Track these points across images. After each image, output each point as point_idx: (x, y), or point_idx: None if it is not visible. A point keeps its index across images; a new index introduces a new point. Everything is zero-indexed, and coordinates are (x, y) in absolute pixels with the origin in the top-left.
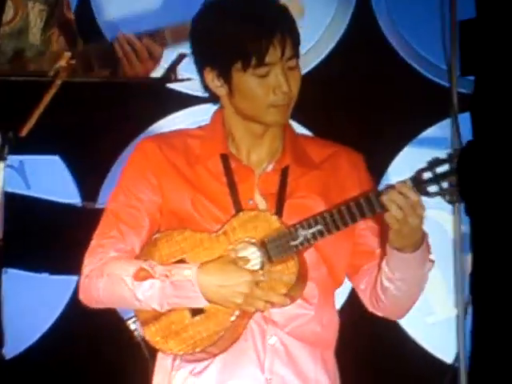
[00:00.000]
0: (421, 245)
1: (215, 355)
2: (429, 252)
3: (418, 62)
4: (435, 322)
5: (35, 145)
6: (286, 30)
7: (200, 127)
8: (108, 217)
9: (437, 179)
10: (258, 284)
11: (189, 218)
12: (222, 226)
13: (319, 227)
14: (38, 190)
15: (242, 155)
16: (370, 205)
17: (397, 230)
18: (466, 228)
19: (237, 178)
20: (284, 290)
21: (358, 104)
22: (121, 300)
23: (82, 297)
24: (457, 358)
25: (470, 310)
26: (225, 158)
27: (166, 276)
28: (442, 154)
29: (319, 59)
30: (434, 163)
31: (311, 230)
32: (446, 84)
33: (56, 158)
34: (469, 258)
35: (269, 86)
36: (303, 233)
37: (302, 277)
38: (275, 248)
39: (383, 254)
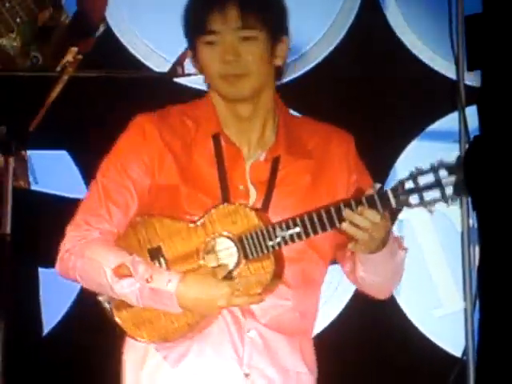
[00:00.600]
0: (387, 241)
1: (190, 338)
2: (398, 242)
3: (426, 56)
4: (443, 315)
5: (43, 140)
6: None
7: (196, 104)
8: (98, 191)
9: (419, 190)
10: (235, 290)
11: (176, 202)
12: (201, 217)
13: (297, 230)
14: (45, 184)
15: (232, 137)
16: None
17: (361, 244)
18: (474, 221)
19: (228, 164)
20: (259, 289)
21: (365, 98)
22: (97, 286)
23: (58, 268)
24: (465, 352)
25: (478, 304)
26: (217, 141)
27: (147, 281)
28: (425, 164)
29: (326, 53)
30: (416, 174)
31: (289, 232)
32: (454, 77)
33: (63, 153)
34: (477, 252)
35: (216, 55)
36: (281, 233)
37: (277, 274)
38: (252, 246)
39: None
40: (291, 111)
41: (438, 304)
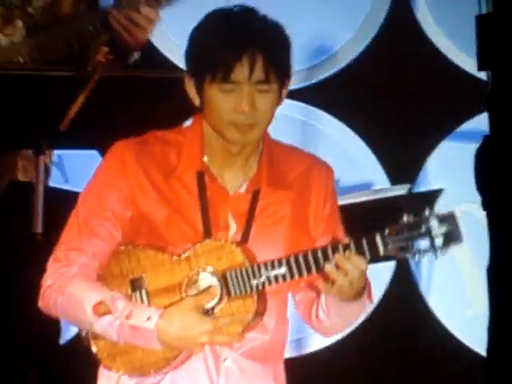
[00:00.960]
0: (362, 293)
1: (164, 373)
2: (368, 291)
3: (456, 56)
4: (473, 315)
5: (74, 139)
6: (261, 51)
7: (180, 130)
8: (78, 224)
9: (407, 239)
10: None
11: (158, 233)
12: (186, 250)
13: (282, 270)
14: (76, 184)
15: (216, 171)
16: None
17: (336, 289)
18: None
19: (210, 197)
20: (240, 328)
21: (396, 99)
22: (78, 322)
23: (41, 305)
24: None
25: None
26: (200, 174)
27: (126, 317)
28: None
29: (356, 54)
30: (407, 222)
31: (274, 272)
32: (484, 78)
33: (94, 153)
34: None
35: (231, 104)
36: (266, 273)
37: (259, 312)
38: (236, 284)
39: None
40: (321, 112)
41: (468, 305)
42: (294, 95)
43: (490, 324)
